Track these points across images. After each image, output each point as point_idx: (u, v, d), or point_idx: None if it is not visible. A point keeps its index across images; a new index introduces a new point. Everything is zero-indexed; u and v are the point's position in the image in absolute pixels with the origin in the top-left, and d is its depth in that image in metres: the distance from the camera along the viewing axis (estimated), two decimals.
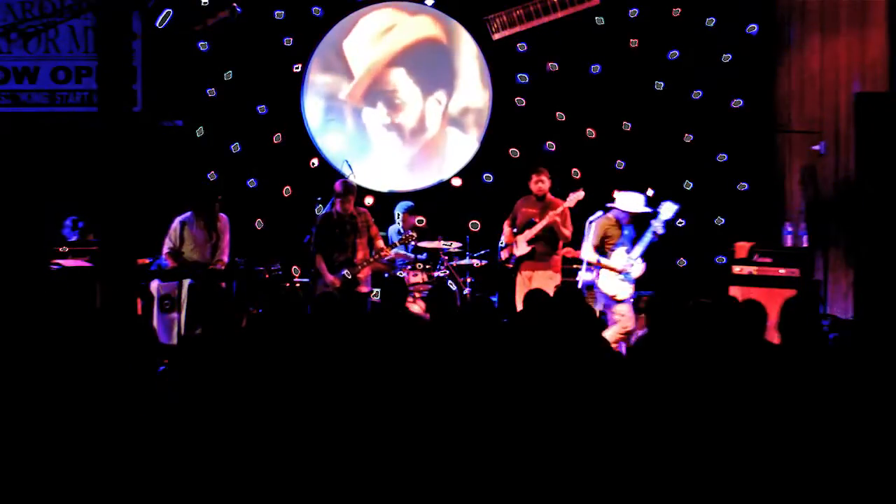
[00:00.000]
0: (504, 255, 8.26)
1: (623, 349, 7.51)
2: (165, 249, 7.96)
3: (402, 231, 9.14)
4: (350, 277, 7.81)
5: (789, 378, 3.77)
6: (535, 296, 5.32)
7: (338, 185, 7.98)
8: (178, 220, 8.04)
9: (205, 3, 9.19)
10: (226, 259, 8.13)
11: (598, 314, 6.99)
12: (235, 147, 10.10)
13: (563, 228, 8.02)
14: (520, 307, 7.55)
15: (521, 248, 8.12)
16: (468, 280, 9.05)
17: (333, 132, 10.35)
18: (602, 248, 7.85)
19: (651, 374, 3.83)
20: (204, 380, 3.61)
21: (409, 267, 8.91)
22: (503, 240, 8.31)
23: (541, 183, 8.16)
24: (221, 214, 8.13)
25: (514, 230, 8.20)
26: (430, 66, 10.33)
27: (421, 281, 8.79)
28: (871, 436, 3.45)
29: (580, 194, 8.03)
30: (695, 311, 4.36)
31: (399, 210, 9.28)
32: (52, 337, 3.74)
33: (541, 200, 8.15)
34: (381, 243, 8.11)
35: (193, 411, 3.50)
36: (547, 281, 7.79)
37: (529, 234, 8.04)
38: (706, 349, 4.09)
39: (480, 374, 3.86)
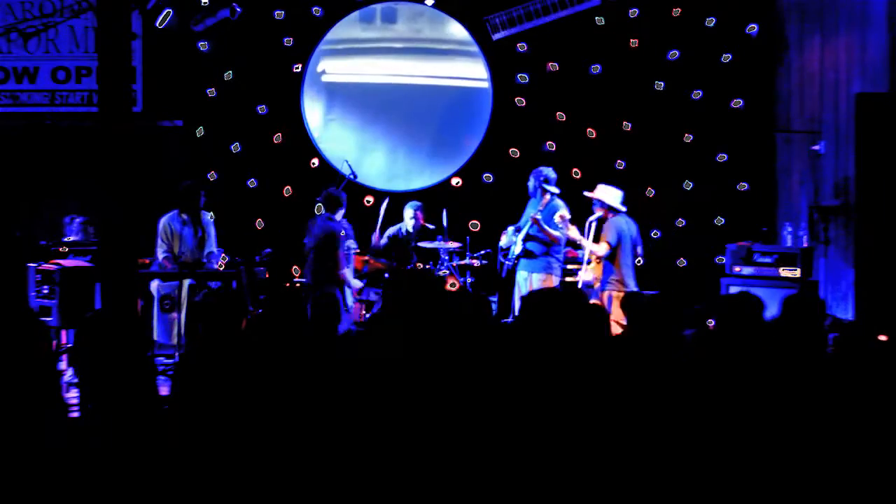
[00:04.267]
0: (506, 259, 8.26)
1: None
2: (162, 254, 7.97)
3: (412, 229, 9.20)
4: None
5: (792, 379, 3.77)
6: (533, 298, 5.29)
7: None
8: (164, 220, 8.05)
9: (205, 3, 9.20)
10: (215, 250, 8.17)
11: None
12: (235, 147, 10.10)
13: (546, 228, 7.95)
14: (517, 308, 7.57)
15: (518, 248, 8.12)
16: (468, 280, 9.05)
17: (334, 132, 10.35)
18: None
19: (651, 374, 3.82)
20: (204, 383, 3.61)
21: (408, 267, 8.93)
22: (503, 241, 8.32)
23: None
24: (203, 211, 8.18)
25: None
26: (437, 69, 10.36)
27: None
28: (872, 437, 3.45)
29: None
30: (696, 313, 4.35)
31: (412, 209, 9.27)
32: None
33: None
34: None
35: (194, 414, 3.50)
36: (540, 284, 7.78)
37: (521, 234, 8.07)
38: (709, 349, 4.08)
39: (480, 375, 3.86)
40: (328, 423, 3.51)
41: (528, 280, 7.98)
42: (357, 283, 8.41)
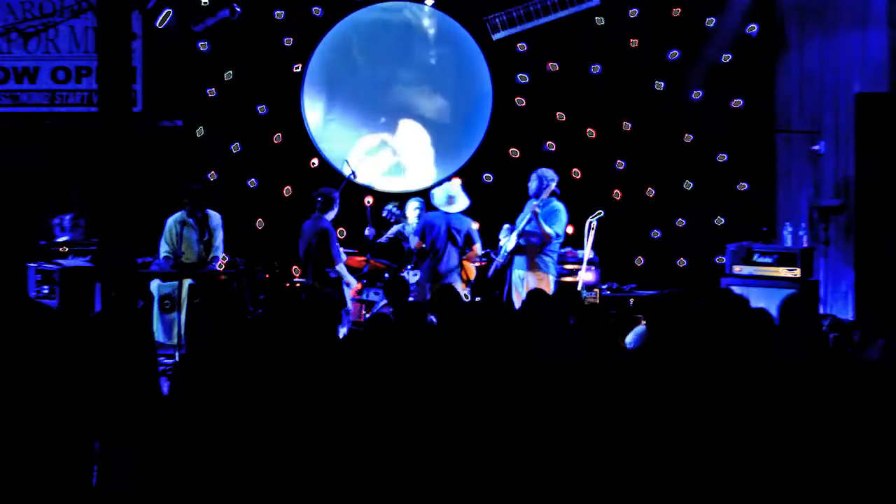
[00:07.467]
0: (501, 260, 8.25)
1: None
2: (163, 254, 7.99)
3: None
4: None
5: (789, 380, 3.76)
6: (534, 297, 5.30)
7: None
8: (170, 221, 8.07)
9: (205, 3, 9.21)
10: (220, 255, 8.17)
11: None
12: (235, 147, 10.10)
13: (541, 223, 7.92)
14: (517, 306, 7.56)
15: (511, 244, 8.12)
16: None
17: (333, 132, 10.34)
18: None
19: (651, 375, 3.82)
20: (204, 383, 3.61)
21: (409, 267, 8.90)
22: (502, 241, 8.31)
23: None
24: (214, 213, 8.19)
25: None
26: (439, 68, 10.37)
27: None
28: (872, 438, 3.45)
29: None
30: (697, 314, 4.34)
31: (417, 201, 9.17)
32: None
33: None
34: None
35: (194, 414, 3.50)
36: (535, 282, 7.79)
37: (516, 230, 8.06)
38: (707, 350, 4.08)
39: (481, 373, 3.86)
40: (328, 423, 3.51)
41: (524, 279, 7.97)
42: (355, 283, 8.40)
